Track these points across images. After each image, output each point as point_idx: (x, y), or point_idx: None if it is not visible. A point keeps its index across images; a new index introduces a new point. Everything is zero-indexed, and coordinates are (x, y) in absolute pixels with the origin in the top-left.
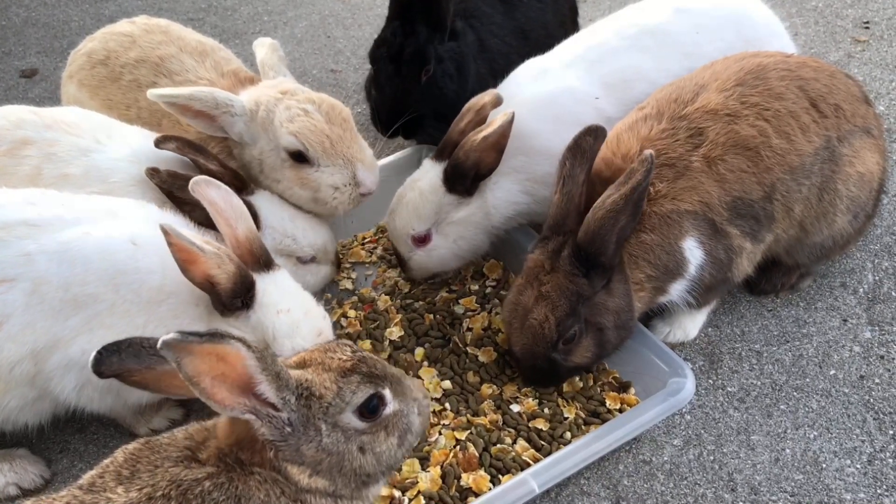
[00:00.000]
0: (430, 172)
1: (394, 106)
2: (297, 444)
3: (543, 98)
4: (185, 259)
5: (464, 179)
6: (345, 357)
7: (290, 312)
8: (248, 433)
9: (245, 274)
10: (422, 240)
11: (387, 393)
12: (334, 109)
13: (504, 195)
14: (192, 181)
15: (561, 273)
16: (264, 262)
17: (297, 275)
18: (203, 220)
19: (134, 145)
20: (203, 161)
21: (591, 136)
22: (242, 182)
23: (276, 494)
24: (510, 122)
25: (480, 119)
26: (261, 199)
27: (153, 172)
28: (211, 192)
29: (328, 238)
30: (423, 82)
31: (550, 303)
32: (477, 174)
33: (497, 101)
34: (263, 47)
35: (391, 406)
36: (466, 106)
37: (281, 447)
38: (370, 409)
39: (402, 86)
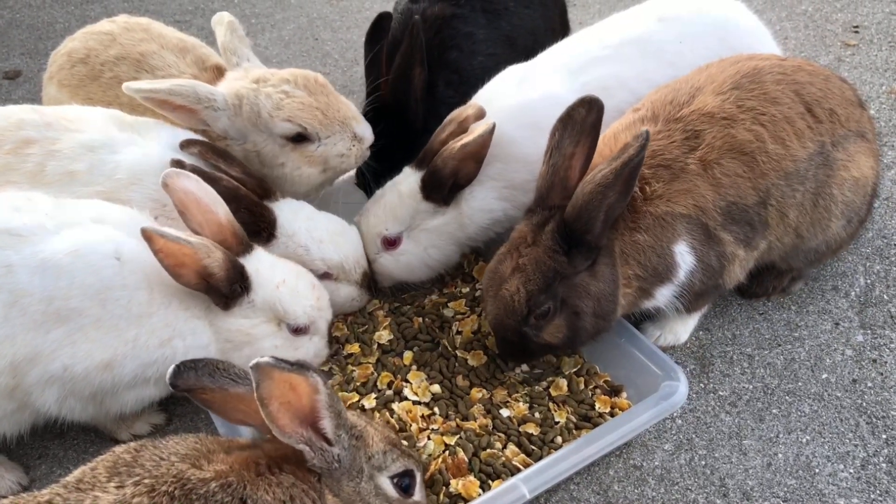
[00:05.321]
0: (409, 178)
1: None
2: (341, 477)
3: (523, 105)
4: (173, 264)
5: (441, 188)
6: (393, 434)
7: (287, 281)
8: (298, 453)
9: (233, 258)
10: (392, 242)
11: (418, 478)
12: (309, 80)
13: (479, 204)
14: (163, 174)
15: (541, 247)
16: (246, 244)
17: None
18: None
19: (147, 139)
20: (225, 166)
21: (584, 108)
22: (265, 190)
23: (284, 498)
24: (490, 132)
25: (462, 130)
26: (283, 207)
27: (178, 165)
28: (185, 182)
29: (348, 257)
30: None
31: (525, 276)
32: (455, 183)
33: (480, 114)
34: (221, 27)
35: (417, 495)
36: (449, 117)
37: (326, 476)
38: (404, 486)
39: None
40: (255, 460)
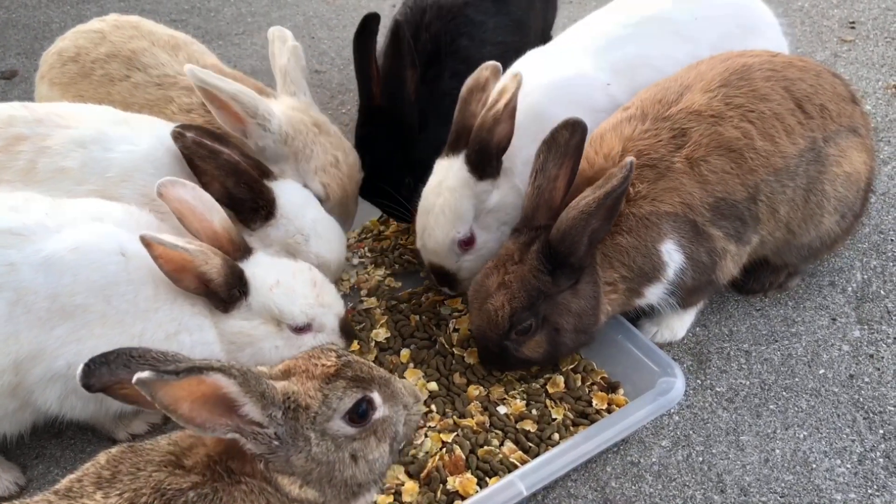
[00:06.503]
0: (451, 169)
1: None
2: (287, 455)
3: (558, 82)
4: (173, 269)
5: (491, 159)
6: (329, 363)
7: (281, 283)
8: (237, 443)
9: (231, 263)
10: (469, 242)
11: (375, 396)
12: (353, 168)
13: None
14: (158, 183)
15: (527, 266)
16: (244, 249)
17: None
18: (220, 195)
19: (139, 135)
20: (222, 147)
21: (567, 131)
22: (264, 171)
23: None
24: (521, 83)
25: (487, 95)
26: (283, 187)
27: (179, 135)
28: (179, 191)
29: (336, 259)
30: (406, 186)
31: (510, 293)
32: (498, 150)
33: (497, 71)
34: (285, 51)
35: (381, 411)
36: (467, 87)
37: (270, 459)
38: (360, 414)
39: (390, 195)
40: (214, 465)
